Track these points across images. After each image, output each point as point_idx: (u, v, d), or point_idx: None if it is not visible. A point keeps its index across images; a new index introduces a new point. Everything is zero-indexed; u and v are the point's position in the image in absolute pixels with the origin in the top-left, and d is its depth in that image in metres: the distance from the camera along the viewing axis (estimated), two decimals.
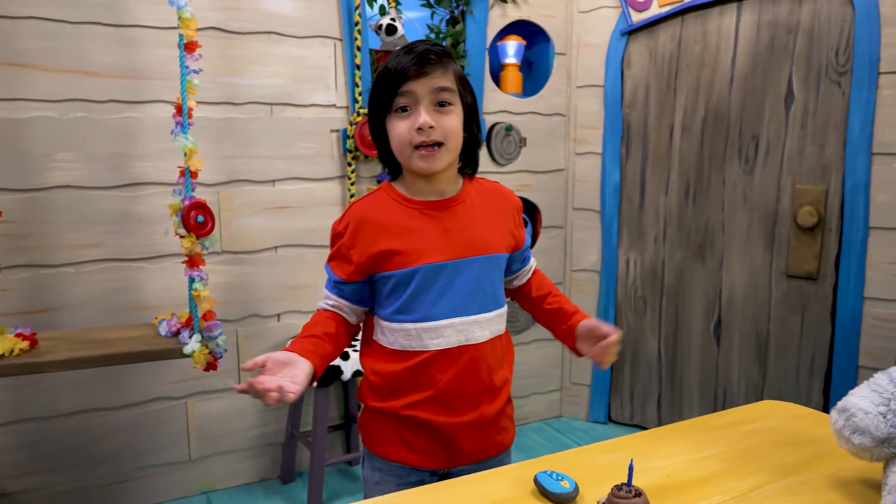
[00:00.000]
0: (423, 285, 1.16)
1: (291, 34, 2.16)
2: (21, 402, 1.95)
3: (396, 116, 1.14)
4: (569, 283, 2.80)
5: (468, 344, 1.17)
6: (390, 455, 1.21)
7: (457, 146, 1.17)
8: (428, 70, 1.11)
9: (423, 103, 1.11)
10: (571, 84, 2.68)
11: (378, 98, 1.16)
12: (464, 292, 1.17)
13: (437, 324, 1.16)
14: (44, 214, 1.91)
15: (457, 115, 1.15)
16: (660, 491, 0.92)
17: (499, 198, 1.27)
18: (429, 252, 1.17)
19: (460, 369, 1.17)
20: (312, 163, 2.25)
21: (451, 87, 1.13)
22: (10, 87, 1.83)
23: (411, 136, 1.12)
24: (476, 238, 1.19)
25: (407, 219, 1.19)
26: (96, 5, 1.90)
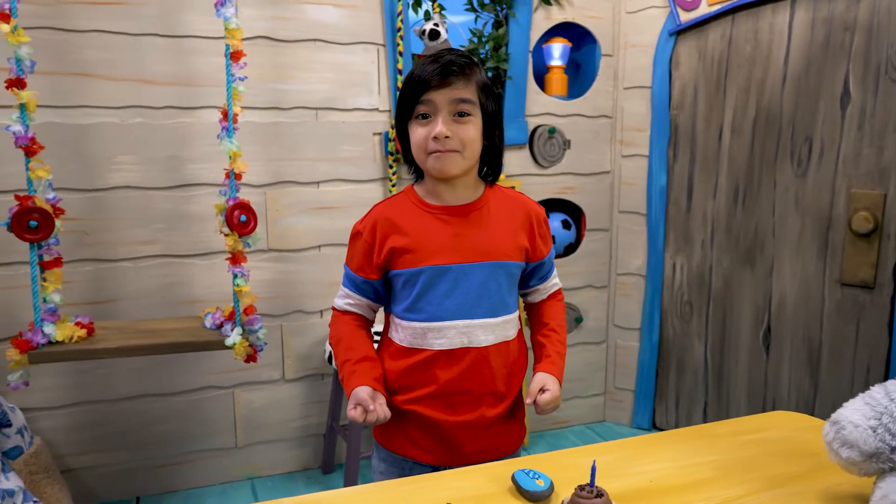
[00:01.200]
0: (429, 286, 1.21)
1: (336, 41, 2.24)
2: (84, 385, 2.11)
3: (417, 123, 1.20)
4: (613, 286, 2.77)
5: (471, 346, 1.21)
6: (394, 447, 1.26)
7: (473, 154, 1.22)
8: (450, 81, 1.16)
9: (442, 113, 1.16)
10: (618, 85, 2.65)
11: (403, 104, 1.22)
12: (469, 296, 1.21)
13: (441, 324, 1.21)
14: (105, 213, 2.06)
15: (475, 125, 1.20)
16: (637, 495, 0.92)
17: (518, 207, 1.30)
18: (437, 254, 1.21)
19: (462, 370, 1.21)
20: (355, 165, 2.32)
21: (470, 99, 1.18)
22: (77, 96, 1.99)
23: (427, 143, 1.18)
24: (486, 244, 1.23)
25: (421, 221, 1.24)
26: (154, 18, 2.03)
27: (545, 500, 0.90)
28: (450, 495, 0.91)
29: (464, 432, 1.21)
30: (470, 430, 1.22)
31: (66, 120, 1.98)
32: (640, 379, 2.77)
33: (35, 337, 1.78)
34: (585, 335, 2.77)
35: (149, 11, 2.02)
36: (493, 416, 1.24)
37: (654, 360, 2.74)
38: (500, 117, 1.27)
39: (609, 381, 2.85)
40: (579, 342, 2.76)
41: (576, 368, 2.78)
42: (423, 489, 0.95)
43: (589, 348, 2.78)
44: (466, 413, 1.21)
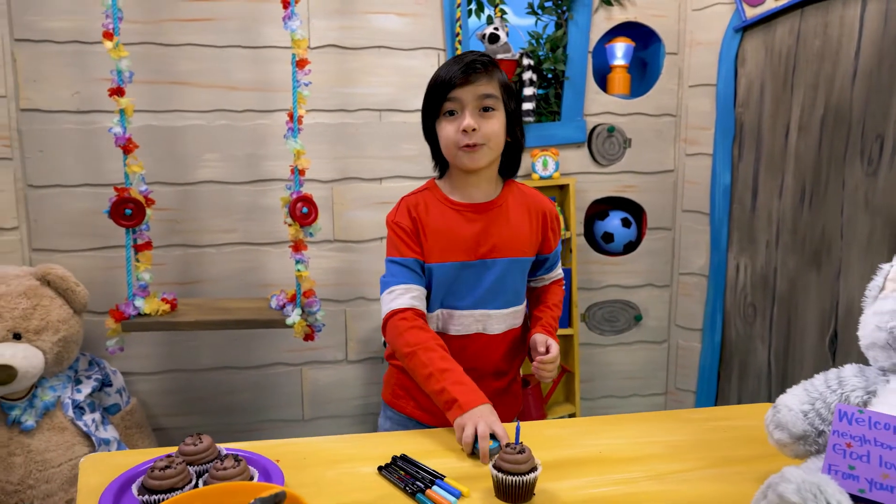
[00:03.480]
0: (453, 279, 1.32)
1: (399, 47, 2.40)
2: (174, 355, 2.40)
3: (445, 120, 1.30)
4: (675, 286, 2.75)
5: (484, 333, 1.33)
6: (400, 407, 1.39)
7: (498, 146, 1.31)
8: (473, 78, 1.25)
9: (469, 108, 1.26)
10: (683, 83, 2.64)
11: (430, 103, 1.33)
12: (487, 289, 1.33)
13: (460, 313, 1.33)
14: (193, 204, 2.33)
15: (499, 119, 1.29)
16: (576, 461, 1.01)
17: (534, 204, 1.39)
18: (462, 251, 1.32)
19: (472, 353, 1.33)
20: (415, 163, 2.47)
21: (494, 94, 1.27)
22: (171, 101, 2.27)
23: (457, 137, 1.27)
24: (506, 241, 1.33)
25: (448, 218, 1.35)
26: (237, 32, 2.28)
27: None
28: (411, 448, 1.03)
29: None
30: None
31: (161, 122, 2.27)
32: (701, 380, 2.73)
33: (127, 309, 2.07)
34: (645, 334, 2.77)
35: (233, 26, 2.27)
36: (493, 389, 1.34)
37: (716, 361, 2.69)
38: (520, 116, 1.38)
39: (670, 381, 2.83)
40: (638, 340, 2.76)
41: (635, 367, 2.78)
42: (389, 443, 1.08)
43: (649, 347, 2.78)
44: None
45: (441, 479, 0.96)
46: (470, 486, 0.94)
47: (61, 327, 2.02)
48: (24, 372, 1.88)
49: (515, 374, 1.44)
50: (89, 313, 2.19)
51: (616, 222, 2.67)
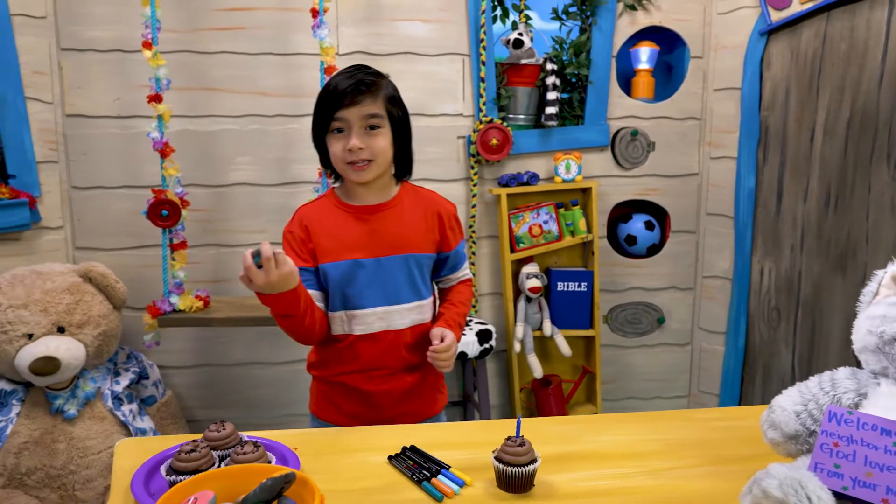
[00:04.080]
0: (350, 278, 1.37)
1: (425, 53, 2.47)
2: (206, 351, 2.50)
3: (333, 137, 1.35)
4: (699, 289, 2.75)
5: (389, 329, 1.39)
6: (324, 416, 1.46)
7: (385, 161, 1.37)
8: (359, 100, 1.31)
9: (355, 128, 1.32)
10: (707, 87, 2.64)
11: (319, 118, 1.37)
12: (386, 285, 1.38)
13: (362, 312, 1.38)
14: (226, 205, 2.43)
15: (385, 135, 1.35)
16: (576, 455, 1.05)
17: (430, 204, 1.46)
18: (355, 249, 1.37)
19: (381, 349, 1.39)
20: (440, 166, 2.53)
21: (378, 114, 1.33)
22: (206, 107, 2.37)
23: (344, 154, 1.33)
24: (400, 238, 1.38)
25: (340, 220, 1.40)
26: (269, 39, 2.37)
27: None
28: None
29: (385, 398, 1.40)
30: (390, 396, 1.41)
31: (197, 127, 2.37)
32: (724, 384, 2.73)
33: (163, 305, 2.17)
34: (668, 336, 2.78)
35: (265, 34, 2.36)
36: (408, 384, 1.43)
37: (740, 365, 2.69)
38: (408, 124, 1.43)
39: (693, 385, 2.83)
40: (661, 343, 2.78)
41: (658, 369, 2.80)
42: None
43: (672, 350, 2.79)
44: (384, 384, 1.40)
45: (446, 469, 1.01)
46: (473, 477, 0.99)
47: (102, 322, 2.13)
48: (67, 363, 1.99)
49: (430, 367, 1.47)
50: (128, 309, 2.30)
51: (639, 225, 2.69)
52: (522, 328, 2.51)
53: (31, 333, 2.00)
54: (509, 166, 2.56)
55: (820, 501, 0.78)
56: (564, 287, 2.56)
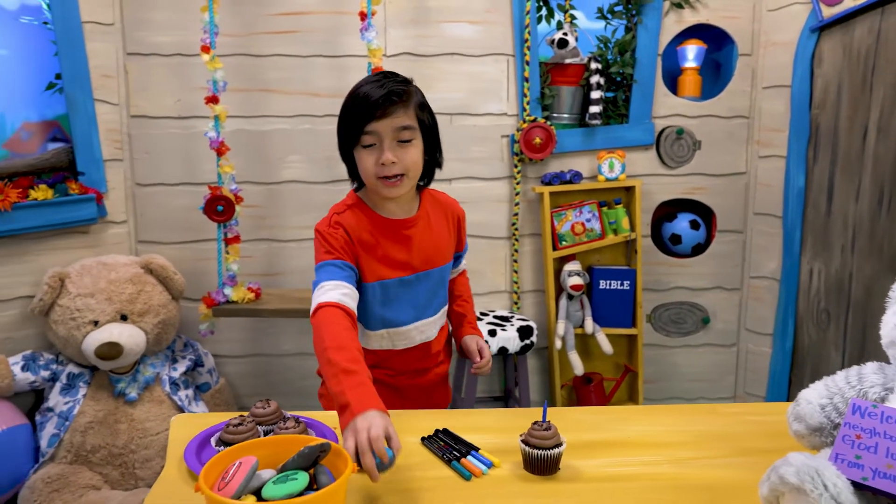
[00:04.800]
0: (391, 296, 1.35)
1: (470, 54, 2.51)
2: (258, 341, 2.61)
3: (364, 151, 1.26)
4: (746, 290, 2.72)
5: (428, 340, 1.43)
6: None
7: (416, 174, 1.31)
8: (390, 111, 1.22)
9: (387, 141, 1.24)
10: (756, 85, 2.61)
11: (347, 130, 1.28)
12: (425, 299, 1.40)
13: (406, 329, 1.39)
14: (277, 201, 2.53)
15: (417, 147, 1.28)
16: (604, 443, 1.08)
17: (448, 210, 1.46)
18: (398, 267, 1.34)
19: (418, 358, 1.44)
20: (484, 164, 2.58)
21: (411, 125, 1.26)
22: (260, 107, 2.47)
23: (376, 169, 1.25)
24: (434, 252, 1.39)
25: (379, 236, 1.32)
26: (319, 42, 2.46)
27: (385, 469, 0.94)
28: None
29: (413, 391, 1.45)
30: (417, 390, 1.46)
31: (251, 127, 2.48)
32: (771, 386, 2.69)
33: (217, 296, 2.29)
34: (713, 337, 2.75)
35: (316, 37, 2.45)
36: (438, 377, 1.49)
37: (787, 367, 2.65)
38: (437, 132, 1.36)
39: (739, 386, 2.80)
40: (706, 343, 2.75)
41: (702, 369, 2.77)
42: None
43: (717, 350, 2.76)
44: (415, 379, 1.45)
45: (476, 451, 1.06)
46: (501, 459, 1.03)
47: (161, 311, 2.25)
48: (129, 349, 2.12)
49: (446, 360, 1.54)
50: (185, 300, 2.43)
51: (684, 224, 2.67)
52: (564, 325, 2.54)
53: (97, 320, 2.14)
54: (553, 165, 2.59)
55: (836, 489, 0.79)
56: (607, 285, 2.57)
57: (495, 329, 2.35)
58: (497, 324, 2.39)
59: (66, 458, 2.10)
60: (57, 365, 2.22)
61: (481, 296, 2.65)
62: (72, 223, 2.30)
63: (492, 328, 2.35)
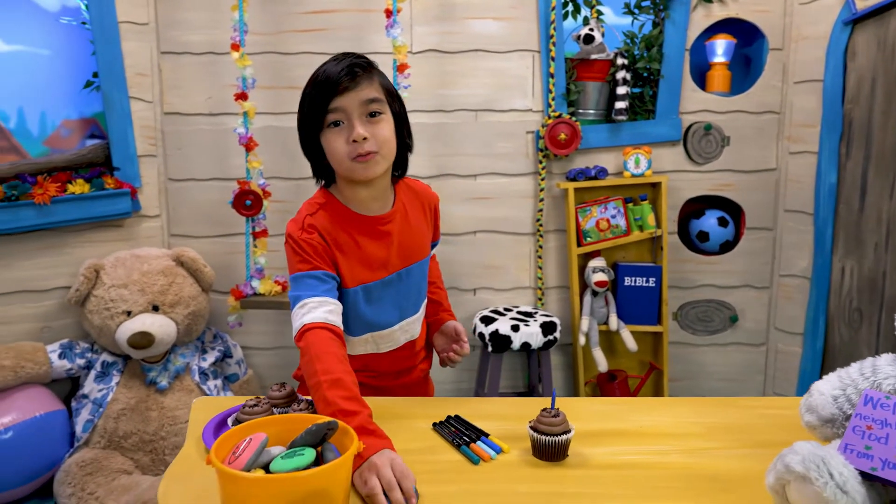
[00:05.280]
0: (374, 298, 1.26)
1: (495, 50, 2.52)
2: (285, 333, 2.65)
3: (331, 132, 1.17)
4: (776, 288, 2.67)
5: (412, 339, 1.37)
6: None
7: (391, 152, 1.21)
8: (355, 84, 1.15)
9: (355, 116, 1.15)
10: (787, 80, 2.56)
11: (310, 114, 1.19)
12: (408, 297, 1.31)
13: (389, 331, 1.30)
14: (304, 196, 2.52)
15: (388, 123, 1.19)
16: (616, 433, 1.08)
17: (424, 199, 1.36)
18: (380, 268, 1.25)
19: (404, 357, 1.38)
20: (509, 160, 2.58)
21: (379, 98, 1.18)
22: (287, 104, 2.52)
23: (348, 148, 1.15)
24: (414, 247, 1.30)
25: (357, 236, 1.23)
26: (347, 39, 2.49)
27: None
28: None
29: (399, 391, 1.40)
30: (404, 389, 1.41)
31: (279, 123, 2.52)
32: (801, 386, 2.64)
33: (245, 289, 2.34)
34: (741, 336, 2.71)
35: (343, 34, 2.49)
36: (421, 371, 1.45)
37: (818, 368, 2.59)
38: (406, 118, 1.27)
39: (768, 386, 2.75)
40: (734, 342, 2.71)
41: (730, 369, 2.74)
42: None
43: (745, 350, 2.72)
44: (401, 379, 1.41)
45: (486, 437, 1.07)
46: (511, 445, 1.04)
47: (191, 303, 2.31)
48: (160, 339, 2.19)
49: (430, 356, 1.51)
50: (214, 292, 2.49)
51: (712, 221, 2.64)
52: (588, 321, 2.53)
53: (130, 311, 2.21)
54: (578, 161, 2.58)
55: (842, 477, 0.78)
56: (632, 282, 2.56)
57: (518, 324, 2.36)
58: (520, 319, 2.40)
59: (99, 443, 2.17)
60: (92, 353, 2.30)
61: (505, 291, 2.66)
62: (107, 217, 2.37)
63: (515, 323, 2.35)
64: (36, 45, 2.39)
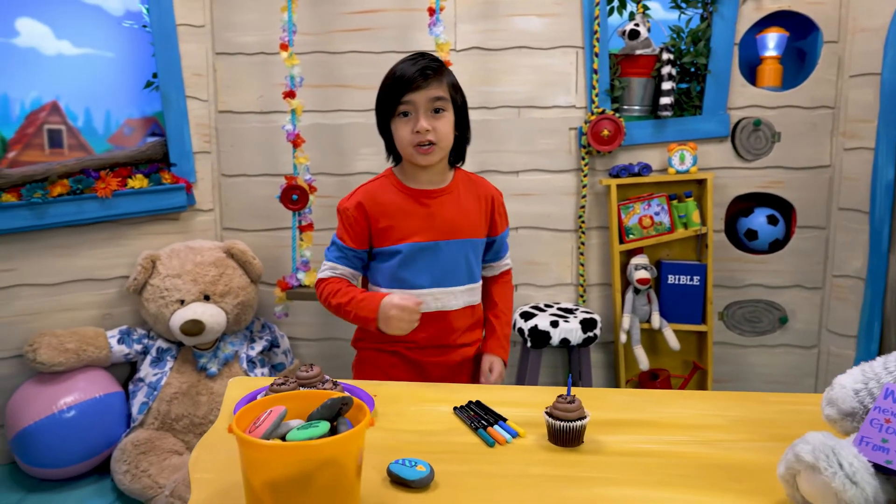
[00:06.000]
0: (410, 260, 1.45)
1: (538, 46, 2.53)
2: (329, 325, 2.73)
3: (399, 121, 1.42)
4: (829, 289, 2.59)
5: (444, 310, 1.46)
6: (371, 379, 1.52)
7: (448, 144, 1.44)
8: (425, 84, 1.38)
9: (422, 110, 1.38)
10: (843, 73, 2.48)
11: (385, 103, 1.45)
12: (443, 268, 1.45)
13: (419, 292, 1.45)
14: (349, 191, 2.63)
15: (448, 119, 1.42)
16: (635, 423, 1.09)
17: (481, 190, 1.52)
18: (416, 233, 1.44)
19: (437, 328, 1.47)
20: (551, 157, 2.59)
21: (444, 97, 1.40)
22: (336, 102, 2.59)
23: (411, 137, 1.40)
24: (457, 223, 1.44)
25: (401, 204, 1.46)
26: (392, 38, 2.55)
27: (427, 486, 0.90)
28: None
29: (435, 370, 1.49)
30: (440, 368, 1.49)
31: (327, 121, 2.60)
32: None
33: (291, 280, 2.42)
34: (791, 337, 2.64)
35: (388, 34, 2.55)
36: (460, 357, 1.52)
37: None
38: (466, 111, 1.49)
39: (819, 389, 2.66)
40: (783, 343, 2.64)
41: (779, 371, 2.66)
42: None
43: (795, 352, 2.64)
44: (437, 356, 1.48)
45: (503, 421, 1.09)
46: (528, 430, 1.06)
47: (241, 293, 2.41)
48: (211, 327, 2.29)
49: (475, 346, 1.58)
50: (263, 284, 2.58)
51: (761, 219, 2.58)
52: (629, 319, 2.51)
53: (183, 299, 2.32)
54: (622, 157, 2.56)
55: (852, 468, 0.78)
56: (675, 280, 2.52)
57: (557, 320, 2.36)
58: (560, 315, 2.40)
59: (153, 424, 2.28)
60: (148, 339, 2.42)
61: (546, 288, 2.66)
62: (164, 210, 2.50)
63: (554, 319, 2.36)
64: (102, 48, 2.53)
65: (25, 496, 2.17)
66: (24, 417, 2.15)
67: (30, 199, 2.24)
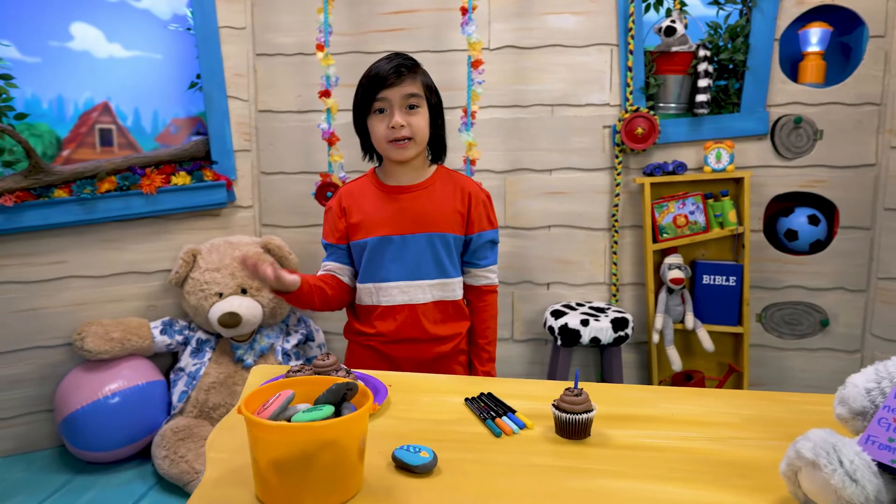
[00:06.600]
0: (376, 253, 1.49)
1: (573, 44, 2.53)
2: None
3: (375, 117, 1.47)
4: (873, 292, 2.50)
5: (411, 303, 1.49)
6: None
7: (423, 139, 1.48)
8: (399, 80, 1.43)
9: (396, 107, 1.43)
10: (890, 69, 2.40)
11: (360, 102, 1.49)
12: (410, 261, 1.48)
13: (386, 285, 1.49)
14: None
15: (423, 115, 1.47)
16: (645, 418, 1.09)
17: (461, 187, 1.52)
18: (382, 226, 1.49)
19: (405, 321, 1.50)
20: (584, 155, 2.57)
21: (418, 93, 1.45)
22: None
23: (387, 132, 1.44)
24: (426, 217, 1.46)
25: (374, 199, 1.52)
26: (426, 38, 2.58)
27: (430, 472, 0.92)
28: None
29: (406, 364, 1.51)
30: (411, 363, 1.51)
31: None
32: None
33: None
34: (832, 341, 2.56)
35: (422, 33, 2.58)
36: (435, 353, 1.53)
37: None
38: (441, 110, 1.54)
39: None
40: (823, 347, 2.57)
41: (820, 375, 2.59)
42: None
43: (837, 356, 2.57)
44: (408, 351, 1.50)
45: (512, 413, 1.10)
46: (535, 422, 1.07)
47: None
48: (247, 320, 2.36)
49: (458, 341, 1.56)
50: None
51: (802, 219, 2.51)
52: (662, 319, 2.48)
53: (221, 293, 2.40)
54: (656, 155, 2.53)
55: (852, 465, 0.76)
56: (710, 280, 2.48)
57: (588, 319, 2.35)
58: (591, 314, 2.39)
59: (192, 412, 2.37)
60: (189, 331, 2.51)
61: (579, 287, 2.65)
62: (206, 206, 2.59)
63: (585, 318, 2.35)
64: (150, 50, 2.63)
65: (73, 477, 2.28)
66: (72, 402, 2.26)
67: (80, 194, 2.35)
